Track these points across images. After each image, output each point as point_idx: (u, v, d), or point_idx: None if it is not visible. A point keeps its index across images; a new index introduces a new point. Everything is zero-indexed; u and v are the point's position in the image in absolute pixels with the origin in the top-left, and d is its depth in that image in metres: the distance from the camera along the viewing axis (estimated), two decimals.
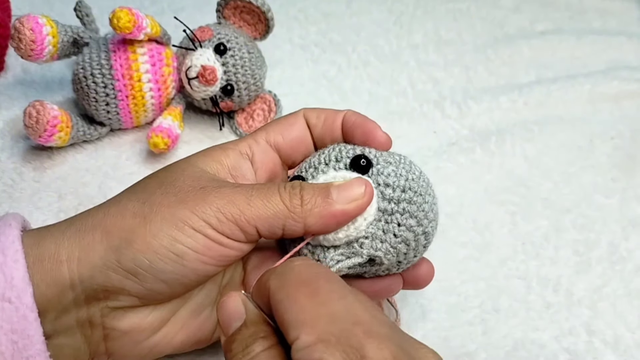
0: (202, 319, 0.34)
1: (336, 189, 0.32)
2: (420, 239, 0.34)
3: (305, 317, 0.25)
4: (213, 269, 0.31)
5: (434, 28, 0.65)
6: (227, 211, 0.31)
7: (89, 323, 0.31)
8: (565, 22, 0.67)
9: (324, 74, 0.59)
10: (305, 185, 0.32)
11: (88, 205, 0.44)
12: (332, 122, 0.36)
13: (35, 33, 0.44)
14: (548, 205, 0.48)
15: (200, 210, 0.30)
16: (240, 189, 0.32)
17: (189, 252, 0.30)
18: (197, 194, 0.31)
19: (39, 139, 0.45)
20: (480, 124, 0.54)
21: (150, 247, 0.30)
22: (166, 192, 0.32)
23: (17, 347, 0.28)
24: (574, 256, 0.44)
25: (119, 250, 0.30)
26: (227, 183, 0.32)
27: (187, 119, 0.52)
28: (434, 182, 0.35)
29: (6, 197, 0.45)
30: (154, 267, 0.30)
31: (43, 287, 0.29)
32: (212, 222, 0.30)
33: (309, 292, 0.26)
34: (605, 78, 0.58)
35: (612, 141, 0.53)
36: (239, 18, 0.51)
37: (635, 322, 0.41)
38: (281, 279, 0.27)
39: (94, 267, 0.30)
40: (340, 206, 0.31)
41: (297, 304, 0.25)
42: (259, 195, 0.31)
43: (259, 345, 0.26)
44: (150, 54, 0.48)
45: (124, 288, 0.30)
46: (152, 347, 0.33)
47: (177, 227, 0.30)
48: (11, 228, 0.30)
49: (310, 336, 0.24)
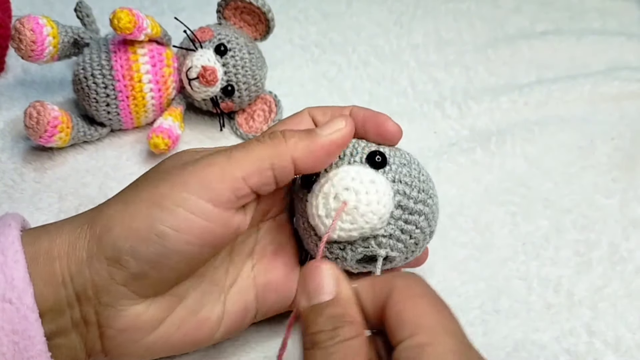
0: (200, 319, 0.34)
1: (318, 128, 0.32)
2: (428, 238, 0.35)
3: (425, 322, 0.25)
4: (199, 249, 0.31)
5: (434, 28, 0.65)
6: (209, 173, 0.30)
7: (84, 322, 0.31)
8: (565, 22, 0.67)
9: (324, 74, 0.59)
10: (286, 130, 0.32)
11: (89, 206, 0.44)
12: None
13: (36, 34, 0.44)
14: (548, 206, 0.48)
15: (181, 182, 0.30)
16: (219, 150, 0.31)
17: (170, 232, 0.29)
18: (177, 169, 0.31)
19: (40, 139, 0.45)
20: (481, 124, 0.54)
21: (130, 230, 0.29)
22: (149, 176, 0.32)
23: (18, 347, 0.28)
24: (574, 257, 0.45)
25: (100, 238, 0.30)
26: (207, 152, 0.32)
27: (187, 119, 0.52)
28: (435, 182, 0.35)
29: (6, 197, 0.45)
30: (136, 250, 0.29)
31: (41, 284, 0.29)
32: (193, 189, 0.29)
33: (431, 302, 0.26)
34: (606, 78, 0.58)
35: (613, 141, 0.53)
36: (239, 19, 0.51)
37: (636, 322, 0.41)
38: (409, 281, 0.27)
39: (81, 262, 0.30)
40: (325, 136, 0.31)
41: (418, 308, 0.26)
42: (237, 148, 0.31)
43: (348, 330, 0.26)
44: (150, 55, 0.48)
45: (111, 277, 0.30)
46: (149, 346, 0.33)
47: (155, 205, 0.29)
48: (11, 228, 0.30)
49: (426, 339, 0.24)
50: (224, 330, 0.35)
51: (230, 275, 0.35)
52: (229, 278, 0.35)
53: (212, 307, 0.34)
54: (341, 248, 0.33)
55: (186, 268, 0.31)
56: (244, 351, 0.38)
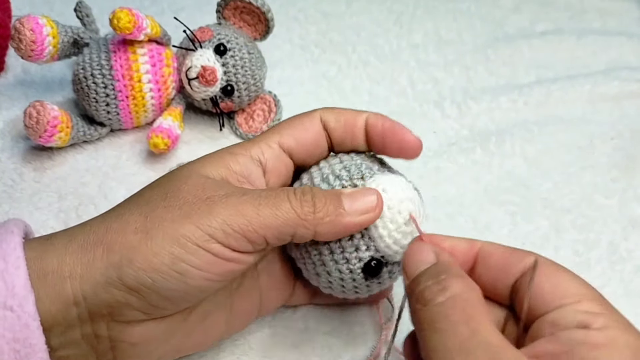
0: (208, 324, 0.34)
1: (348, 198, 0.32)
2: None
3: (588, 292, 0.28)
4: (217, 284, 0.31)
5: (434, 28, 0.65)
6: (234, 222, 0.30)
7: (94, 336, 0.30)
8: (565, 22, 0.67)
9: (324, 74, 0.59)
10: (316, 192, 0.32)
11: (88, 206, 0.45)
12: (354, 126, 0.35)
13: (36, 33, 0.44)
14: (548, 206, 0.48)
15: (206, 224, 0.29)
16: (248, 197, 0.30)
17: (192, 270, 0.29)
18: (201, 206, 0.30)
19: (39, 139, 0.45)
20: (480, 124, 0.54)
21: (152, 265, 0.29)
22: (170, 205, 0.30)
23: (20, 355, 0.28)
24: (573, 256, 0.45)
25: (120, 267, 0.29)
26: (233, 191, 0.31)
27: (187, 119, 0.52)
28: (435, 182, 0.35)
29: (6, 197, 0.45)
30: (157, 285, 0.29)
31: (47, 302, 0.29)
32: (218, 235, 0.29)
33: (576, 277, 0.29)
34: (606, 78, 0.58)
35: (612, 141, 0.53)
36: (239, 18, 0.51)
37: (636, 322, 0.41)
38: (541, 258, 0.29)
39: (97, 284, 0.29)
40: (352, 218, 0.31)
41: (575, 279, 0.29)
42: (267, 204, 0.30)
43: (456, 283, 0.27)
44: (150, 55, 0.48)
45: (128, 303, 0.29)
46: (160, 354, 0.33)
47: (179, 244, 0.29)
48: (13, 235, 0.30)
49: (598, 308, 0.27)
50: (230, 330, 0.36)
51: (236, 279, 0.35)
52: (235, 282, 0.35)
53: (220, 311, 0.34)
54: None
55: (202, 297, 0.32)
56: (244, 351, 0.38)
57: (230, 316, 0.35)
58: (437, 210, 0.47)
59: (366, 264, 0.33)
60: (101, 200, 0.45)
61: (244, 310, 0.36)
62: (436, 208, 0.47)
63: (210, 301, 0.33)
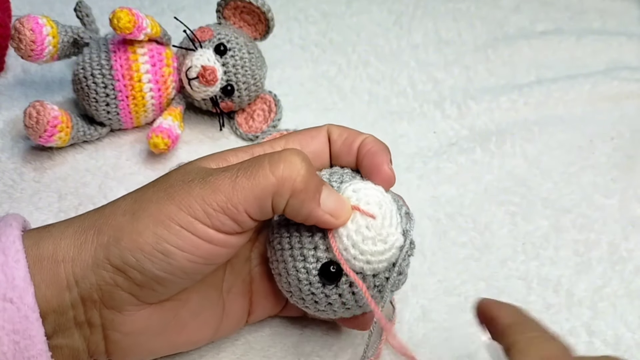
0: (201, 321, 0.34)
1: (328, 190, 0.31)
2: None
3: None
4: (203, 267, 0.31)
5: (434, 28, 0.65)
6: (213, 200, 0.29)
7: (87, 324, 0.31)
8: (565, 22, 0.67)
9: (324, 74, 0.59)
10: (292, 149, 0.31)
11: (88, 205, 0.45)
12: (352, 143, 0.35)
13: (36, 33, 0.44)
14: (548, 206, 0.48)
15: (187, 205, 0.30)
16: (227, 172, 0.30)
17: (175, 250, 0.29)
18: (183, 187, 0.30)
19: (39, 139, 0.45)
20: (480, 124, 0.54)
21: (137, 244, 0.29)
22: (158, 189, 0.31)
23: (19, 347, 0.28)
24: (574, 256, 0.45)
25: (108, 247, 0.30)
26: (214, 171, 0.31)
27: (187, 119, 0.52)
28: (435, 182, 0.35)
29: (6, 197, 0.45)
30: (141, 265, 0.29)
31: (43, 287, 0.29)
32: (200, 216, 0.29)
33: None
34: (606, 78, 0.58)
35: (612, 141, 0.53)
36: (239, 18, 0.51)
37: (636, 322, 0.41)
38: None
39: (87, 267, 0.30)
40: (321, 211, 0.31)
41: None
42: (245, 174, 0.30)
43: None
44: (150, 55, 0.48)
45: (116, 284, 0.30)
46: (152, 348, 0.33)
47: (163, 225, 0.29)
48: (12, 228, 0.30)
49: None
50: (222, 330, 0.36)
51: (229, 280, 0.35)
52: (227, 282, 0.35)
53: (213, 309, 0.35)
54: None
55: (189, 281, 0.32)
56: (244, 351, 0.38)
57: (221, 317, 0.35)
58: (437, 210, 0.47)
59: (324, 266, 0.32)
60: (101, 200, 0.45)
61: (236, 312, 0.36)
62: (436, 208, 0.47)
63: (203, 298, 0.34)
